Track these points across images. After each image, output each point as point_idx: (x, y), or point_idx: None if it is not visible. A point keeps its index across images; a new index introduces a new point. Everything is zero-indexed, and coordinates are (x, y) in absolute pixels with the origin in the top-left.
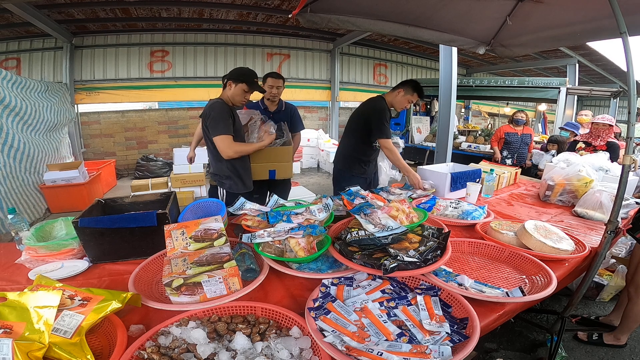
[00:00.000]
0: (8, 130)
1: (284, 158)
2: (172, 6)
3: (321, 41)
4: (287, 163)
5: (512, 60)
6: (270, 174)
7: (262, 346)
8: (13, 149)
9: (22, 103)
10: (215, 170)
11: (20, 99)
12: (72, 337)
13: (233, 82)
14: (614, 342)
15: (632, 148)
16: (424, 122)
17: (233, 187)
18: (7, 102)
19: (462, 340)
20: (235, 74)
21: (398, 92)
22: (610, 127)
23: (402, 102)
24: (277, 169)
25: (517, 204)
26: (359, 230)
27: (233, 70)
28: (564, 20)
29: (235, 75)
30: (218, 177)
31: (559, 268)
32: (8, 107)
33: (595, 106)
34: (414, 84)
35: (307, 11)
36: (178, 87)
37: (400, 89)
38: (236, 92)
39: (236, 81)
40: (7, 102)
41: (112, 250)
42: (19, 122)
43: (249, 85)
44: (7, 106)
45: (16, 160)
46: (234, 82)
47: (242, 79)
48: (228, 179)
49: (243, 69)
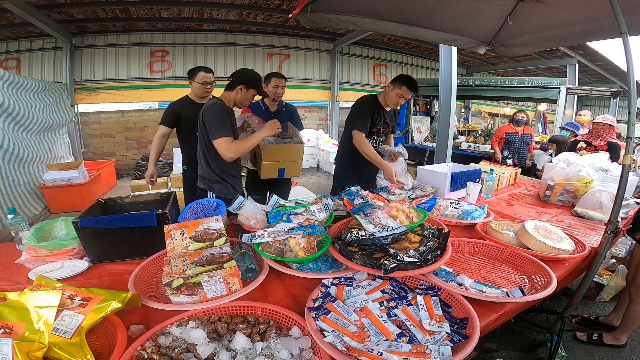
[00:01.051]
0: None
1: (295, 157)
2: (172, 6)
3: (321, 41)
4: (298, 162)
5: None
6: (279, 173)
7: (262, 346)
8: (2, 149)
9: (15, 103)
10: (204, 173)
11: (13, 99)
12: (72, 337)
13: (246, 87)
14: (614, 342)
15: (632, 148)
16: (424, 122)
17: (223, 191)
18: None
19: (462, 340)
20: (249, 80)
21: (388, 88)
22: (611, 127)
23: (392, 98)
24: (286, 167)
25: (517, 204)
26: (359, 230)
27: (244, 73)
28: (565, 20)
29: (249, 80)
30: (207, 181)
31: (559, 268)
32: (1, 107)
33: (595, 106)
34: (403, 77)
35: (307, 11)
36: (178, 87)
37: (389, 85)
38: (247, 97)
39: (249, 87)
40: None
41: (112, 250)
42: (11, 122)
43: (258, 91)
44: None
45: (4, 161)
46: (247, 87)
47: (255, 85)
48: (217, 183)
49: (255, 74)
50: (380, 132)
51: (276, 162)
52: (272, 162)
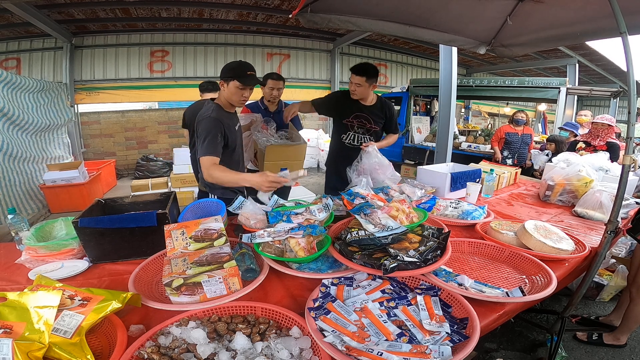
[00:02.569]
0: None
1: (297, 157)
2: (172, 6)
3: (321, 41)
4: (299, 162)
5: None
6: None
7: (262, 346)
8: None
9: (10, 103)
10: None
11: (7, 99)
12: (72, 337)
13: (224, 81)
14: (614, 342)
15: (632, 148)
16: (424, 122)
17: (226, 193)
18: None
19: (462, 340)
20: (224, 71)
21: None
22: (610, 127)
23: (350, 86)
24: (289, 167)
25: (517, 204)
26: (359, 230)
27: (222, 69)
28: (564, 19)
29: (224, 72)
30: (210, 188)
31: (559, 268)
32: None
33: (595, 106)
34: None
35: (307, 11)
36: (178, 87)
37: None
38: (230, 91)
39: (226, 79)
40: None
41: (112, 250)
42: (6, 122)
43: (241, 81)
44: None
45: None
46: (225, 80)
47: (231, 75)
48: (220, 188)
49: (231, 63)
50: (355, 125)
51: (279, 162)
52: (274, 162)
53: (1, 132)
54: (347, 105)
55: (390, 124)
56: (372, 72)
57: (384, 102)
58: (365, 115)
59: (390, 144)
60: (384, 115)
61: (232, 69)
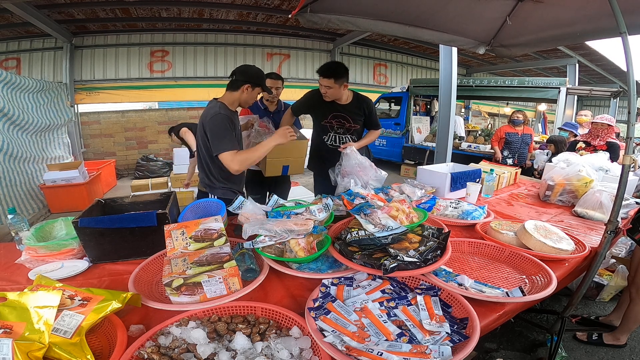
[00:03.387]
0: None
1: (299, 153)
2: (172, 6)
3: (321, 41)
4: (301, 159)
5: (512, 60)
6: (283, 170)
7: (262, 346)
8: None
9: (10, 103)
10: (206, 181)
11: (7, 99)
12: (72, 337)
13: (252, 86)
14: (614, 342)
15: (632, 148)
16: (424, 122)
17: (227, 193)
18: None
19: (462, 340)
20: (255, 78)
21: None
22: (610, 127)
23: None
24: (290, 164)
25: (517, 204)
26: (359, 230)
27: (246, 70)
28: (564, 19)
29: (255, 78)
30: (210, 188)
31: (559, 268)
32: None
33: (595, 106)
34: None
35: (306, 11)
36: (178, 87)
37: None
38: (252, 96)
39: (255, 85)
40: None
41: (112, 250)
42: (6, 122)
43: (263, 88)
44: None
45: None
46: (253, 86)
47: (260, 83)
48: (220, 188)
49: (258, 70)
50: (335, 126)
51: (280, 159)
52: (277, 159)
53: (1, 132)
54: (324, 106)
55: (370, 120)
56: (341, 72)
57: (361, 99)
58: (343, 114)
59: (372, 141)
60: (363, 112)
61: (261, 77)
